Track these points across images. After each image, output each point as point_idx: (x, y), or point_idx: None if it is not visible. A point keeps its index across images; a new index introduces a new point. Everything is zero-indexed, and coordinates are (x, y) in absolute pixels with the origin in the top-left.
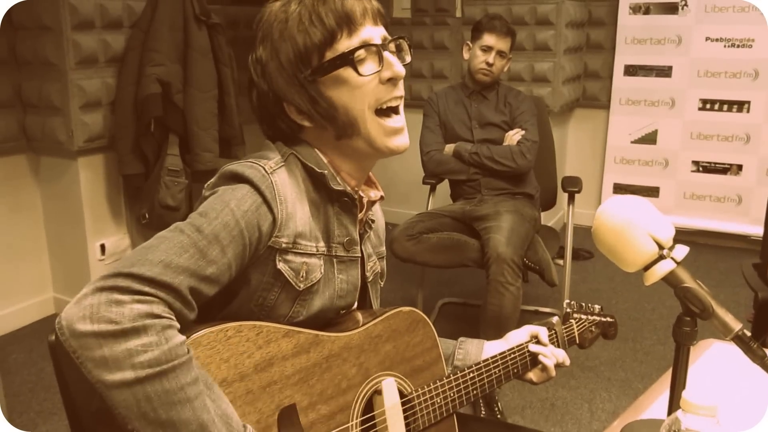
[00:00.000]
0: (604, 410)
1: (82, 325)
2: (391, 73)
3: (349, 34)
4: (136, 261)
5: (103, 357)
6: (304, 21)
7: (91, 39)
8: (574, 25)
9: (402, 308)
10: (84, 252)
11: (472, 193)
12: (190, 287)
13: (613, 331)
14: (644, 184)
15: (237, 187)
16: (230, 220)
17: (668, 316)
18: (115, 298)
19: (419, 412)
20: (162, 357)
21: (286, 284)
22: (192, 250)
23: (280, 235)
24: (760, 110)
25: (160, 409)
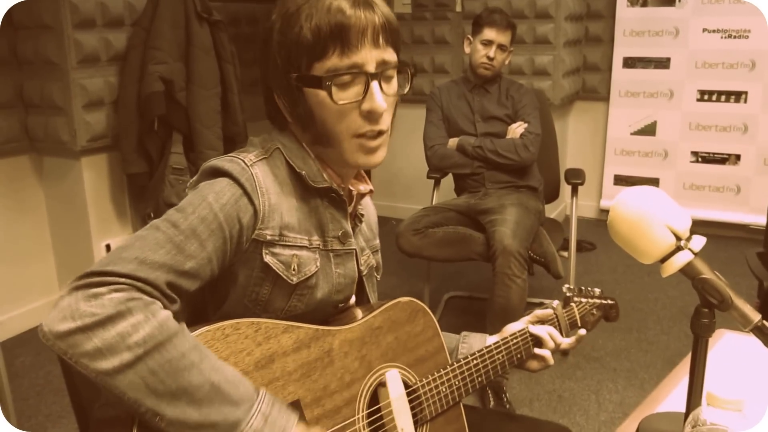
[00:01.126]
0: (611, 401)
1: (65, 324)
2: (368, 107)
3: (341, 53)
4: (110, 261)
5: (96, 348)
6: (303, 28)
7: (93, 38)
8: (573, 18)
9: (400, 299)
10: (89, 252)
11: (476, 186)
12: (168, 282)
13: (614, 313)
14: (644, 175)
15: (216, 181)
16: (208, 213)
17: (671, 306)
18: (91, 292)
19: (425, 401)
20: (155, 331)
21: (278, 278)
22: (168, 246)
23: (263, 227)
24: (757, 100)
25: (168, 380)
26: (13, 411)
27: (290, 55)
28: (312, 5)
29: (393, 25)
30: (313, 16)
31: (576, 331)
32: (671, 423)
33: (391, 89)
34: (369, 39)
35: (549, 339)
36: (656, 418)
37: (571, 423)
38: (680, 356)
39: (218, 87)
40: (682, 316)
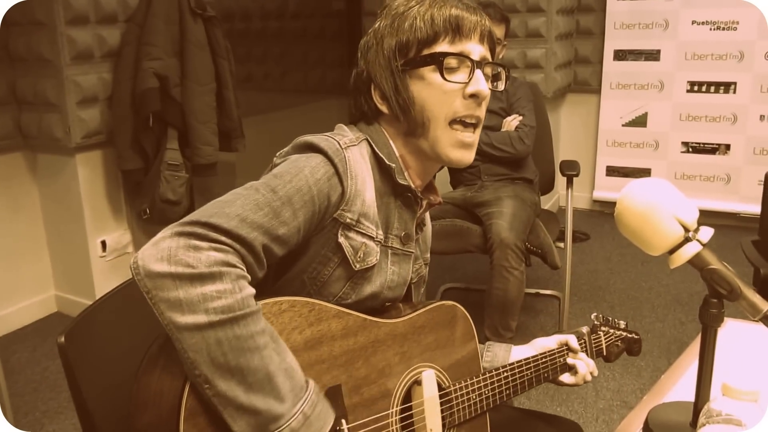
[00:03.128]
0: (608, 389)
1: (159, 266)
2: (474, 89)
3: (451, 40)
4: (214, 213)
5: (178, 299)
6: (417, 19)
7: (86, 34)
8: (564, 12)
9: (444, 302)
10: (85, 249)
11: (472, 179)
12: (263, 244)
13: (637, 348)
14: (636, 165)
15: (311, 156)
16: (303, 185)
17: (665, 294)
18: (192, 243)
19: (455, 406)
20: (235, 304)
21: (344, 261)
22: (266, 209)
23: (346, 209)
24: (746, 91)
25: (230, 354)
26: (10, 407)
27: (400, 44)
28: (424, 6)
29: (495, 35)
30: (427, 11)
31: (599, 359)
32: (680, 413)
33: (488, 84)
34: (477, 34)
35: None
36: (665, 408)
37: (570, 411)
38: (675, 343)
39: (213, 83)
40: (676, 304)
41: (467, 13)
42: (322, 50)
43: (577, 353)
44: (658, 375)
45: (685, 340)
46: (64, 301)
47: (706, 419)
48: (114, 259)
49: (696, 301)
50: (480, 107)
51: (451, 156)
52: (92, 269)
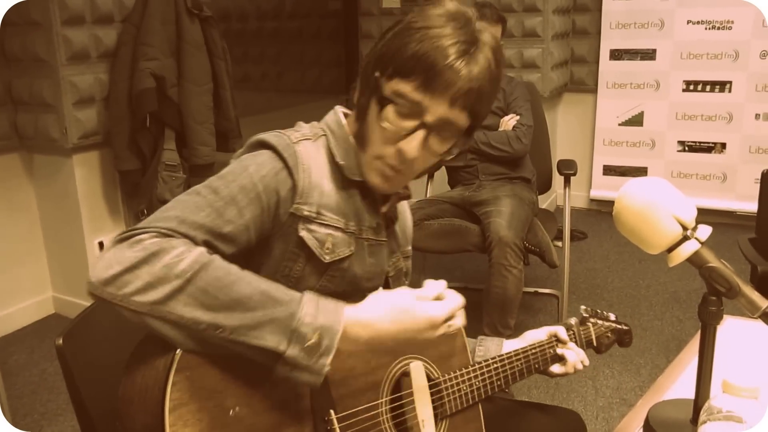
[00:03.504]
0: (608, 387)
1: (111, 270)
2: (401, 147)
3: (417, 87)
4: (152, 220)
5: (146, 282)
6: (416, 40)
7: (82, 34)
8: (560, 12)
9: None
10: (82, 250)
11: (470, 179)
12: (205, 241)
13: (627, 339)
14: (632, 164)
15: (259, 152)
16: (248, 183)
17: (663, 292)
18: (133, 240)
19: (446, 396)
20: (198, 257)
21: (311, 255)
22: (208, 210)
23: (302, 202)
24: (741, 90)
25: (220, 294)
26: (8, 409)
27: (385, 57)
28: (431, 33)
29: (482, 92)
30: (424, 43)
31: (590, 350)
32: (680, 410)
33: (440, 147)
34: (448, 96)
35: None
36: (665, 406)
37: None
38: (674, 341)
39: (210, 83)
40: (674, 302)
41: (455, 62)
42: (318, 50)
43: (566, 344)
44: (657, 372)
45: (683, 337)
46: (62, 302)
47: (707, 416)
48: None
49: (694, 298)
50: (406, 165)
51: (371, 180)
52: (90, 270)
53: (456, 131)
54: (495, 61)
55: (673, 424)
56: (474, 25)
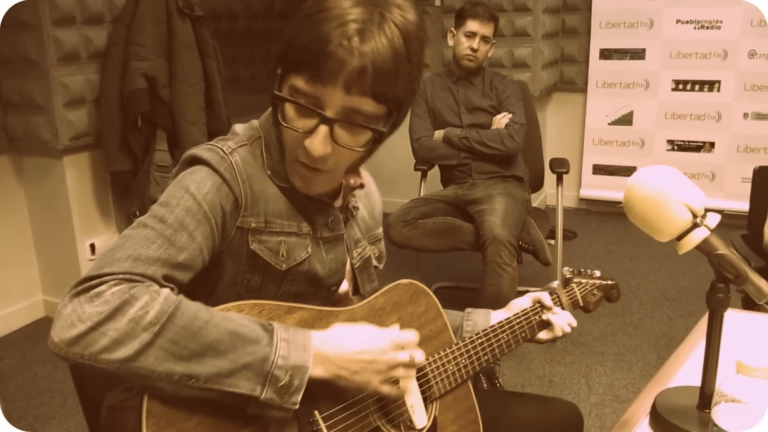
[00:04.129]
0: (600, 383)
1: (74, 330)
2: (307, 146)
3: (307, 78)
4: (104, 263)
5: (112, 339)
6: (304, 25)
7: (73, 34)
8: (550, 11)
9: (401, 281)
10: (73, 252)
11: (463, 177)
12: (165, 275)
13: (615, 293)
14: (622, 164)
15: (195, 169)
16: (192, 204)
17: (653, 291)
18: (92, 293)
19: (433, 379)
20: (163, 307)
21: (267, 266)
22: (159, 241)
23: (246, 215)
24: (730, 89)
25: (190, 343)
26: (1, 412)
27: (283, 51)
28: (318, 17)
29: (381, 71)
30: (312, 28)
31: (578, 310)
32: (686, 396)
33: (352, 140)
34: (341, 82)
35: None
36: (671, 393)
37: None
38: (664, 338)
39: (201, 83)
40: (664, 300)
41: (342, 44)
42: None
43: (551, 309)
44: (649, 369)
45: (673, 335)
46: (53, 305)
47: (719, 398)
48: None
49: (683, 296)
50: (318, 162)
51: (295, 184)
52: (81, 273)
53: (367, 119)
54: (401, 36)
55: (679, 409)
56: (383, 2)
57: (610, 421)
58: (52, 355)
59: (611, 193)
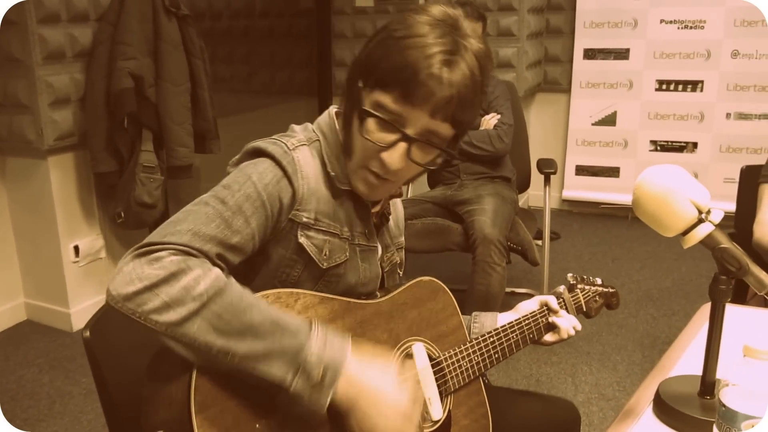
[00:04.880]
0: (586, 383)
1: (132, 287)
2: (384, 159)
3: (397, 98)
4: (166, 233)
5: (164, 302)
6: (397, 49)
7: (58, 33)
8: (534, 11)
9: (422, 278)
10: (57, 254)
11: (451, 178)
12: (218, 254)
13: (615, 301)
14: (605, 164)
15: (259, 161)
16: (252, 192)
17: (636, 291)
18: (153, 257)
19: (449, 374)
20: (214, 281)
21: (310, 261)
22: (218, 221)
23: (301, 209)
24: (713, 89)
25: (233, 320)
26: (1, 412)
27: (367, 67)
28: (410, 43)
29: (463, 100)
30: (403, 53)
31: (579, 315)
32: (688, 385)
33: (423, 158)
34: (428, 107)
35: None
36: (673, 381)
37: None
38: (648, 337)
39: (188, 83)
40: (647, 300)
41: (436, 71)
42: (290, 50)
43: (557, 312)
44: (634, 368)
45: (657, 334)
46: (35, 308)
47: (726, 381)
48: (87, 265)
49: (666, 296)
50: (390, 175)
51: (358, 189)
52: (65, 275)
53: (439, 141)
54: (479, 67)
55: (681, 396)
56: (460, 31)
57: (597, 419)
58: (37, 358)
59: (593, 194)
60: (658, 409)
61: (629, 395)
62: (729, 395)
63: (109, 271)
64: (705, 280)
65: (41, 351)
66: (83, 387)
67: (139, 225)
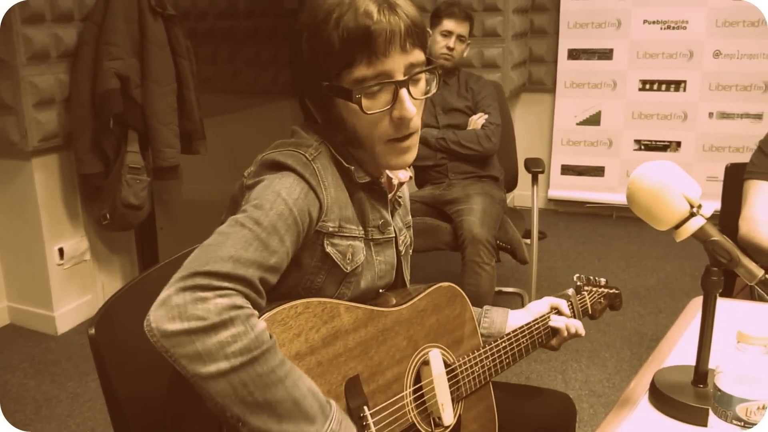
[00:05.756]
0: (576, 379)
1: (172, 325)
2: (399, 115)
3: (368, 62)
4: (209, 259)
5: (197, 352)
6: (332, 37)
7: (42, 33)
8: (519, 11)
9: (441, 284)
10: (42, 257)
11: (439, 178)
12: (260, 278)
13: (618, 302)
14: (590, 164)
15: (283, 174)
16: (284, 209)
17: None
18: (198, 296)
19: (462, 380)
20: (251, 344)
21: (334, 267)
22: (256, 243)
23: (326, 219)
24: (696, 89)
25: (256, 392)
26: (1, 412)
27: (320, 63)
28: (340, 12)
29: (419, 26)
30: (341, 24)
31: (585, 317)
32: (682, 374)
33: (419, 91)
34: (396, 45)
35: (564, 330)
36: (668, 371)
37: None
38: (636, 335)
39: (174, 83)
40: (634, 298)
41: (379, 17)
42: (274, 50)
43: (568, 317)
44: (623, 365)
45: (644, 331)
46: (18, 312)
47: (721, 368)
48: (72, 267)
49: (652, 294)
50: (411, 125)
51: (392, 164)
52: (49, 278)
53: (420, 66)
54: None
55: (676, 385)
56: None
57: (587, 415)
58: (22, 363)
59: (579, 193)
60: (654, 397)
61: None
62: (724, 380)
63: (94, 274)
64: (689, 278)
65: (26, 355)
66: (70, 391)
67: (125, 227)
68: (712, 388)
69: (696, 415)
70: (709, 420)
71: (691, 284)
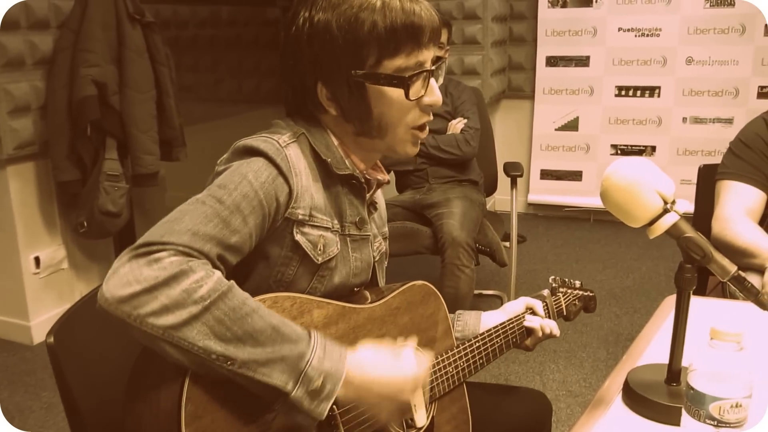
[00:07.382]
0: (554, 380)
1: (129, 289)
2: (431, 101)
3: (409, 52)
4: (165, 232)
5: (163, 305)
6: (377, 25)
7: (17, 40)
8: (498, 19)
9: (415, 282)
10: (17, 266)
11: (419, 182)
12: (218, 255)
13: (593, 304)
14: (568, 168)
15: (252, 160)
16: (249, 191)
17: (599, 290)
18: (152, 257)
19: (435, 380)
20: (216, 285)
21: (305, 257)
22: (216, 220)
23: (296, 206)
24: (670, 94)
25: (234, 326)
26: (1, 412)
27: (356, 50)
28: (382, 2)
29: (445, 25)
30: (387, 14)
31: (559, 319)
32: (655, 373)
33: (439, 81)
34: (436, 39)
35: (539, 330)
36: (641, 370)
37: None
38: (612, 335)
39: (153, 90)
40: (611, 299)
41: (423, 15)
42: (256, 59)
43: (542, 317)
44: (599, 365)
45: (620, 331)
46: None
47: (694, 366)
48: (48, 276)
49: (628, 295)
50: None
51: (408, 151)
52: (25, 287)
53: (439, 61)
54: None
55: (649, 384)
56: None
57: (564, 415)
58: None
59: (558, 197)
60: (627, 397)
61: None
62: (696, 378)
63: (72, 283)
64: (664, 278)
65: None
66: (44, 401)
67: (103, 234)
68: (685, 386)
69: (669, 415)
70: (681, 419)
71: (666, 284)
